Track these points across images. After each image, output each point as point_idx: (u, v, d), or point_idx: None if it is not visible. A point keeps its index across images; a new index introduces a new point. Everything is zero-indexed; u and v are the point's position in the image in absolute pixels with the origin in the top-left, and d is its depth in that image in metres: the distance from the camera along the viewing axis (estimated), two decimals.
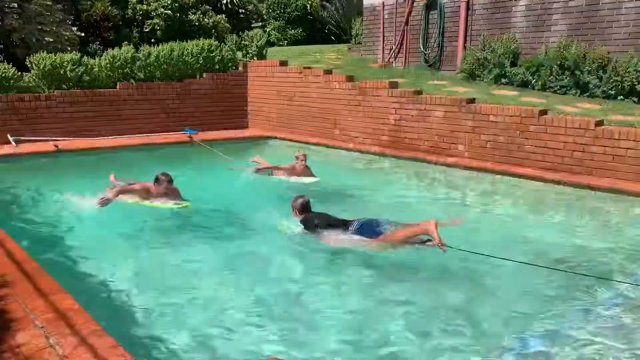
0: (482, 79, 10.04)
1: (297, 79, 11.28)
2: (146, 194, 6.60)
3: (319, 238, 5.36)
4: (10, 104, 9.78)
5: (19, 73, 10.28)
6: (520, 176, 7.48)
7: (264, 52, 13.19)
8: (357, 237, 5.15)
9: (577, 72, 8.71)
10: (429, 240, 4.77)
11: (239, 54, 13.24)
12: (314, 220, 5.49)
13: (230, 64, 12.42)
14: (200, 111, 11.95)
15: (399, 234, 4.95)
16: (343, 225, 5.33)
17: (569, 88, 8.89)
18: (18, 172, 8.45)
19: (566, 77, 8.88)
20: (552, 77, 9.03)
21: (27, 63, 10.48)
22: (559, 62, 8.88)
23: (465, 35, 10.65)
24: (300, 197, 5.80)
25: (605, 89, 8.45)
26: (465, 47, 10.60)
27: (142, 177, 7.43)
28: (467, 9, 10.58)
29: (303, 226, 5.58)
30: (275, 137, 11.36)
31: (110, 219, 6.28)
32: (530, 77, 9.34)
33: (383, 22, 12.27)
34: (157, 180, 6.58)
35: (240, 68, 12.51)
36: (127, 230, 5.89)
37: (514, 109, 7.90)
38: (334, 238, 5.29)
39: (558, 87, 8.98)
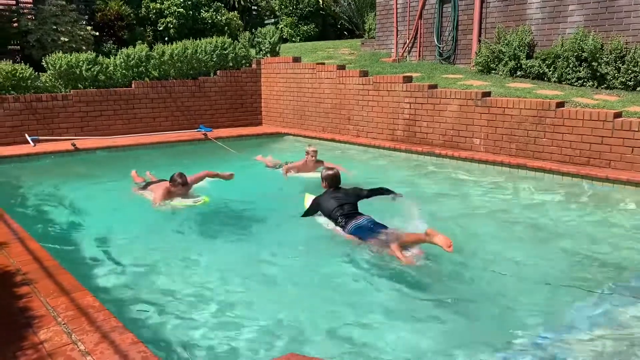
0: (497, 71, 9.94)
1: (310, 75, 11.27)
2: (167, 194, 6.62)
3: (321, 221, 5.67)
4: (28, 104, 9.91)
5: (36, 73, 10.40)
6: (537, 169, 7.42)
7: (277, 48, 13.19)
8: (349, 235, 5.22)
9: (595, 64, 8.58)
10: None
11: (252, 51, 13.25)
12: (320, 204, 5.73)
13: (243, 61, 12.45)
14: (214, 108, 12.02)
15: (398, 237, 4.84)
16: (343, 218, 5.39)
17: (586, 80, 8.77)
18: (36, 171, 8.57)
19: (583, 69, 8.75)
20: (568, 69, 8.90)
21: (43, 63, 10.59)
22: (575, 54, 8.76)
23: (480, 28, 10.55)
24: (330, 170, 6.05)
25: (623, 80, 8.32)
26: (479, 40, 10.50)
27: (157, 175, 7.54)
28: (482, 1, 10.47)
29: (309, 208, 5.87)
30: (289, 134, 11.37)
31: (129, 217, 6.35)
32: (547, 69, 9.22)
33: (396, 16, 12.20)
34: (172, 180, 6.64)
35: (254, 65, 12.53)
36: (147, 228, 5.92)
37: (530, 101, 7.81)
38: (331, 228, 5.50)
39: (575, 79, 8.86)
